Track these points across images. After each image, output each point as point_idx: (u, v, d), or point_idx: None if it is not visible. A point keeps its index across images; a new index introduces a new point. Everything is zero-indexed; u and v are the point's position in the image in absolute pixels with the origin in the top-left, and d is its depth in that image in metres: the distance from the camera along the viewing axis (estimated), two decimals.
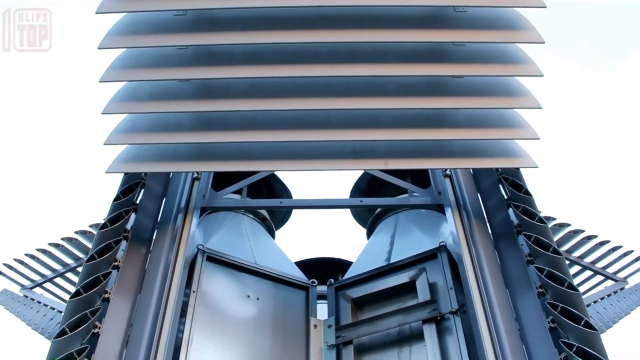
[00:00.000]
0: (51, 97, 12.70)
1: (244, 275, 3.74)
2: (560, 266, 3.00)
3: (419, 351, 3.37)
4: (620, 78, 15.08)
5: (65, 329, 2.78)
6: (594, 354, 2.59)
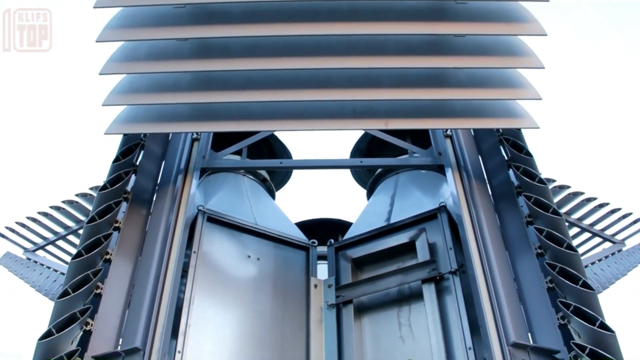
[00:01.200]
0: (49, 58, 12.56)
1: (245, 235, 3.76)
2: (560, 227, 3.01)
3: (418, 311, 3.40)
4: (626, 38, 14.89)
5: (67, 290, 2.81)
6: (590, 313, 2.62)
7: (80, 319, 2.75)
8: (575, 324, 2.66)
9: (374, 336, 3.49)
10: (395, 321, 3.45)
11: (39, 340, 2.64)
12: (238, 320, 3.39)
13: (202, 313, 3.23)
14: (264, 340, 3.40)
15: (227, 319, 3.34)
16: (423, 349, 3.22)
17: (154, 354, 2.69)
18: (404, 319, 3.44)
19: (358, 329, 3.54)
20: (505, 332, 2.70)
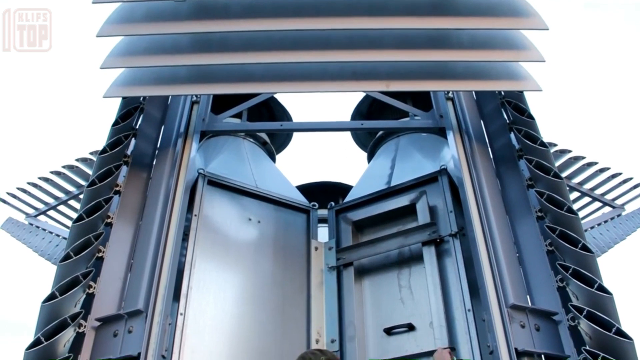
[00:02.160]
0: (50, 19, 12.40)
1: (245, 198, 3.76)
2: (561, 190, 3.00)
3: (418, 273, 3.43)
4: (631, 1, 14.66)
5: (69, 253, 2.83)
6: (589, 276, 2.64)
7: (82, 282, 2.77)
8: (573, 286, 2.68)
9: (374, 298, 3.53)
10: (396, 283, 3.48)
11: (42, 303, 2.66)
12: (239, 282, 3.42)
13: (203, 275, 3.26)
14: (265, 302, 3.43)
15: (228, 281, 3.37)
16: (423, 311, 3.26)
17: (157, 316, 2.71)
18: (404, 281, 3.46)
19: (358, 291, 3.58)
20: (504, 294, 2.72)
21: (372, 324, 3.43)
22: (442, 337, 3.03)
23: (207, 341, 3.07)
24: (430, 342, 3.09)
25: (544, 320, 2.69)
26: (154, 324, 2.68)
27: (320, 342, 3.40)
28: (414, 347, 3.17)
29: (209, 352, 3.05)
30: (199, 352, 3.01)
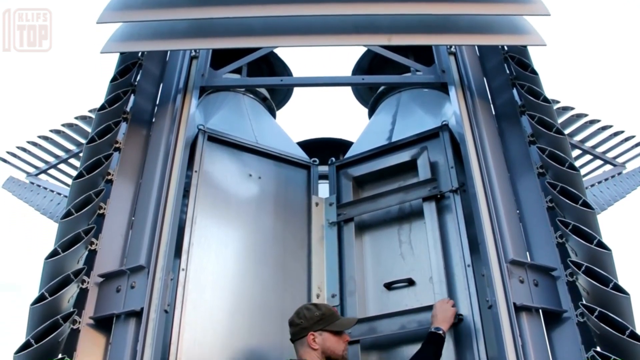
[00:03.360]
0: None
1: (246, 154, 3.74)
2: (562, 146, 2.99)
3: (418, 228, 3.44)
4: None
5: (71, 210, 2.83)
6: (588, 232, 2.64)
7: (84, 238, 2.79)
8: (573, 242, 2.70)
9: (375, 253, 3.55)
10: (396, 239, 3.50)
11: (45, 260, 2.68)
12: (240, 238, 3.43)
13: (204, 231, 3.27)
14: (266, 258, 3.46)
15: (229, 236, 3.39)
16: (423, 266, 3.28)
17: (159, 271, 2.73)
18: (405, 236, 3.48)
19: (359, 246, 3.59)
20: (504, 249, 2.73)
21: (372, 279, 3.46)
22: (442, 292, 3.06)
23: (208, 296, 3.11)
24: (429, 297, 3.12)
25: (542, 275, 2.71)
26: (156, 280, 2.70)
27: (321, 296, 3.44)
28: (414, 301, 3.21)
29: (211, 306, 3.09)
30: (200, 306, 3.05)
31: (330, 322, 2.77)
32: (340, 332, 2.80)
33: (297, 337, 2.78)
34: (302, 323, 2.77)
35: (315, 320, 2.76)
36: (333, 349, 2.74)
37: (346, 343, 2.83)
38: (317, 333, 2.74)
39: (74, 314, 2.64)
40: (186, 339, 2.91)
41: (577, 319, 2.57)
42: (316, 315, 2.77)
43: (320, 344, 2.72)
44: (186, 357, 2.87)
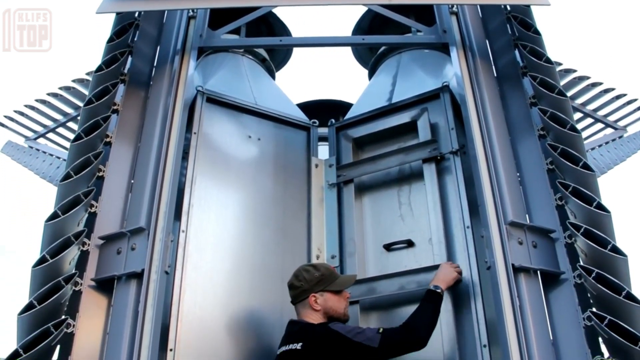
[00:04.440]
0: None
1: (245, 116, 3.71)
2: (564, 108, 2.96)
3: (418, 190, 3.44)
4: None
5: (70, 172, 2.83)
6: (588, 194, 2.64)
7: (84, 200, 2.79)
8: (572, 204, 2.70)
9: (374, 215, 3.55)
10: (396, 200, 3.50)
11: (45, 222, 2.69)
12: (240, 199, 3.43)
13: (204, 193, 3.27)
14: (266, 219, 3.46)
15: (229, 198, 3.38)
16: (422, 227, 3.30)
17: (159, 233, 2.74)
18: (404, 198, 3.48)
19: (358, 207, 3.60)
20: (503, 211, 2.73)
21: (372, 240, 3.48)
22: (441, 253, 3.08)
23: (209, 258, 3.13)
24: (429, 258, 3.15)
25: (541, 237, 2.72)
26: (156, 241, 2.71)
27: (320, 258, 3.46)
28: (413, 262, 3.23)
29: (211, 268, 3.11)
30: (201, 268, 3.07)
31: (330, 282, 2.80)
32: (340, 290, 2.82)
33: (298, 299, 2.80)
34: (302, 285, 2.79)
35: (315, 282, 2.78)
36: (335, 308, 2.77)
37: (347, 300, 2.86)
38: (318, 294, 2.76)
39: (75, 275, 2.65)
40: (187, 300, 2.94)
41: (575, 280, 2.59)
42: (316, 276, 2.79)
43: (322, 304, 2.74)
44: (187, 317, 2.90)
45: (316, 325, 2.64)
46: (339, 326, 2.57)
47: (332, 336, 2.51)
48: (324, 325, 2.62)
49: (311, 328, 2.63)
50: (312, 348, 2.54)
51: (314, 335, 2.58)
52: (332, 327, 2.56)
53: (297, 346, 2.58)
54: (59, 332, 2.49)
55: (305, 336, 2.59)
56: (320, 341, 2.54)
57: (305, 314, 2.76)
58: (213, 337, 2.96)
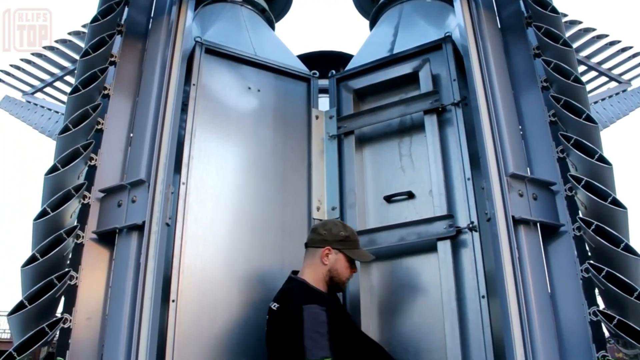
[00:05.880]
0: None
1: (244, 67, 3.66)
2: (568, 59, 2.91)
3: (419, 141, 3.42)
4: None
5: (68, 125, 2.80)
6: (590, 146, 2.62)
7: (83, 153, 2.77)
8: (574, 156, 2.68)
9: (375, 166, 3.55)
10: (396, 152, 3.49)
11: (45, 175, 2.68)
12: (240, 151, 3.42)
13: (204, 145, 3.26)
14: (266, 171, 3.46)
15: (229, 150, 3.37)
16: (422, 179, 3.30)
17: (159, 184, 2.73)
18: (405, 149, 3.47)
19: (359, 159, 3.60)
20: (504, 163, 2.71)
21: (372, 192, 3.49)
22: (441, 204, 3.09)
23: (209, 210, 3.14)
24: (429, 209, 3.16)
25: (542, 189, 2.71)
26: (156, 193, 2.70)
27: (321, 210, 3.47)
28: (413, 214, 3.24)
29: (212, 220, 3.12)
30: (202, 220, 3.08)
31: (350, 248, 2.80)
32: (353, 260, 2.82)
33: (313, 244, 2.81)
34: (325, 235, 2.79)
35: (338, 239, 2.78)
36: (341, 272, 2.77)
37: (352, 275, 2.86)
38: (334, 251, 2.77)
39: (77, 228, 2.67)
40: (188, 252, 2.96)
41: (574, 232, 2.60)
42: (341, 234, 2.79)
43: (331, 261, 2.75)
44: (189, 269, 2.93)
45: (301, 296, 2.61)
46: (310, 315, 2.48)
47: (294, 319, 2.48)
48: (305, 300, 2.55)
49: (295, 297, 2.61)
50: (279, 316, 2.57)
51: (289, 306, 2.57)
52: (305, 310, 2.49)
53: (275, 306, 2.62)
54: (62, 284, 2.52)
55: (285, 301, 2.61)
56: (286, 315, 2.54)
57: (310, 263, 2.78)
58: (214, 289, 3.00)
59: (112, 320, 2.54)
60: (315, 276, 2.75)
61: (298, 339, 2.41)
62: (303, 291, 2.66)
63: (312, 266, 2.78)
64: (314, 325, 2.45)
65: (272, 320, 2.62)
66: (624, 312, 2.38)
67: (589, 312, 2.42)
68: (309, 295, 2.63)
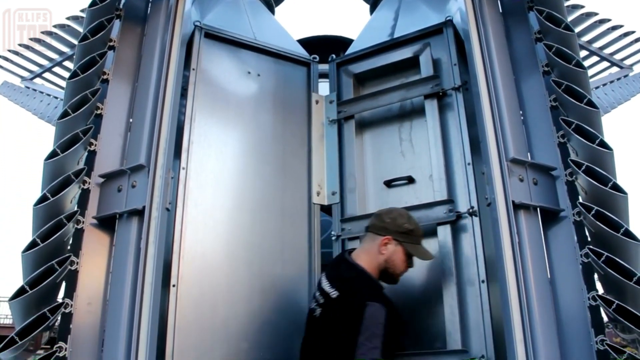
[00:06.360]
0: None
1: (244, 51, 3.64)
2: (570, 43, 2.89)
3: (419, 126, 3.42)
4: None
5: (67, 110, 2.79)
6: (591, 131, 2.61)
7: (83, 138, 2.76)
8: (574, 141, 2.67)
9: (375, 151, 3.55)
10: (397, 136, 3.48)
11: (45, 161, 2.67)
12: (240, 136, 3.42)
13: (204, 130, 3.26)
14: (266, 156, 3.46)
15: (229, 135, 3.37)
16: (423, 164, 3.30)
17: (159, 169, 2.71)
18: (405, 134, 3.46)
19: (359, 144, 3.59)
20: (505, 147, 2.70)
21: (372, 177, 3.49)
22: (441, 189, 3.09)
23: (209, 194, 3.14)
24: (429, 194, 3.16)
25: (542, 174, 2.71)
26: (156, 178, 2.69)
27: (321, 194, 3.47)
28: (413, 199, 3.24)
29: (212, 205, 3.13)
30: (202, 204, 3.09)
31: (412, 242, 2.76)
32: (411, 255, 2.78)
33: (374, 230, 2.77)
34: (388, 223, 2.75)
35: (400, 230, 2.74)
36: (397, 265, 2.74)
37: (406, 271, 2.81)
38: (395, 242, 2.73)
39: (77, 214, 2.66)
40: (188, 237, 2.97)
41: (574, 217, 2.59)
42: (405, 226, 2.75)
43: (389, 252, 2.72)
44: (189, 254, 2.94)
45: (366, 291, 2.57)
46: (372, 314, 2.45)
47: (356, 314, 2.44)
48: (368, 297, 2.52)
49: (359, 291, 2.57)
50: (340, 306, 2.54)
51: (352, 299, 2.53)
52: (368, 307, 2.46)
53: (334, 293, 2.59)
54: (63, 269, 2.52)
55: (347, 292, 2.57)
56: (348, 307, 2.51)
57: (367, 249, 2.74)
58: (215, 273, 3.01)
59: (112, 305, 2.55)
60: (372, 264, 2.71)
61: (354, 334, 2.40)
62: (366, 284, 2.62)
63: (369, 253, 2.74)
64: (373, 324, 2.42)
65: (330, 307, 2.59)
66: (623, 297, 2.38)
67: (588, 297, 2.43)
68: (372, 291, 2.59)
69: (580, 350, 2.39)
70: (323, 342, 2.58)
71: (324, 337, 2.57)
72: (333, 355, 2.49)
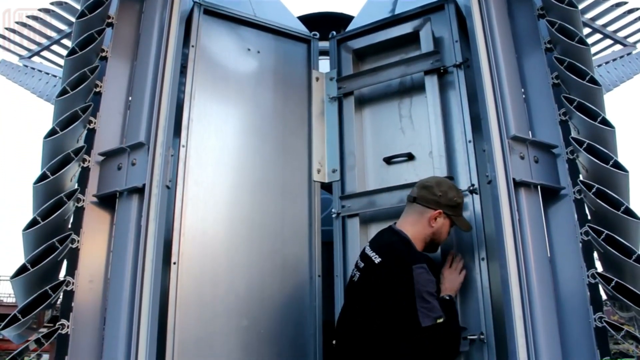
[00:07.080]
0: None
1: (244, 28, 3.61)
2: (573, 19, 2.85)
3: (419, 102, 3.39)
4: None
5: (66, 88, 2.78)
6: (593, 109, 2.60)
7: (82, 116, 2.76)
8: (576, 119, 2.66)
9: (375, 128, 3.53)
10: (396, 113, 3.46)
11: (44, 139, 2.67)
12: (240, 114, 3.41)
13: (203, 107, 3.24)
14: (266, 134, 3.45)
15: (229, 113, 3.36)
16: (423, 141, 3.28)
17: (159, 147, 2.71)
18: (405, 110, 3.44)
19: (359, 120, 3.57)
20: (506, 125, 2.69)
21: (372, 154, 3.47)
22: (441, 166, 3.07)
23: (209, 172, 3.14)
24: (429, 171, 3.14)
25: (543, 152, 2.71)
26: (156, 156, 2.69)
27: (321, 172, 3.47)
28: (413, 176, 3.23)
29: (212, 183, 3.13)
30: (202, 182, 3.09)
31: (457, 215, 2.74)
32: (453, 225, 2.76)
33: (423, 203, 2.72)
34: (439, 196, 2.71)
35: (452, 204, 2.71)
36: (443, 236, 2.73)
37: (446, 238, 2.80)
38: (444, 215, 2.71)
39: (77, 192, 2.67)
40: (189, 214, 2.98)
41: (575, 195, 2.60)
42: (455, 200, 2.72)
43: (438, 225, 2.70)
44: (190, 231, 2.95)
45: (408, 254, 2.55)
46: (421, 275, 2.44)
47: (404, 278, 2.43)
48: (413, 260, 2.50)
49: (402, 254, 2.55)
50: (383, 271, 2.51)
51: (397, 262, 2.51)
52: (415, 270, 2.44)
53: (377, 259, 2.57)
54: (64, 247, 2.54)
55: (390, 257, 2.55)
56: (393, 272, 2.49)
57: (414, 220, 2.71)
58: (215, 251, 3.03)
59: (114, 282, 2.57)
60: (418, 236, 2.68)
61: (410, 301, 2.39)
62: (408, 249, 2.60)
63: (417, 224, 2.70)
64: (424, 285, 2.42)
65: (372, 272, 2.55)
66: (622, 275, 2.39)
67: (588, 275, 2.44)
68: (414, 254, 2.58)
69: (578, 327, 2.41)
70: (364, 308, 2.54)
71: (365, 302, 2.55)
72: (375, 320, 2.46)
